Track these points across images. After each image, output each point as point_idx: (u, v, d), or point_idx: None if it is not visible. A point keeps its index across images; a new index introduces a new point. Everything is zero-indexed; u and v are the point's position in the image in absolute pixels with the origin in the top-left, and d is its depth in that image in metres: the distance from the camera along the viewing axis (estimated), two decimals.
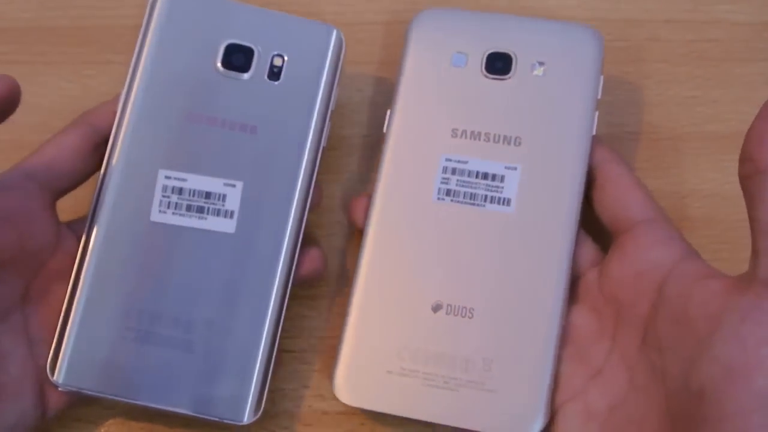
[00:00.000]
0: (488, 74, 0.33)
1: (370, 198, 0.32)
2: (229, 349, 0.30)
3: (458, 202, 0.32)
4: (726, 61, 0.37)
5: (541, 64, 0.32)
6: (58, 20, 0.37)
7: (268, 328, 0.30)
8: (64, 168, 0.31)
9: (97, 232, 0.30)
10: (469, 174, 0.32)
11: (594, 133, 0.32)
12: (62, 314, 0.30)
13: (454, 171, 0.32)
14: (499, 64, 0.33)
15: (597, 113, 0.32)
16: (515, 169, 0.32)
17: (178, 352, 0.30)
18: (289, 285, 0.31)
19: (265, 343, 0.30)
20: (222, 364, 0.30)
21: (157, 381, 0.30)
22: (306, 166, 0.31)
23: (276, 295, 0.30)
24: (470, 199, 0.32)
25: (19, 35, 0.37)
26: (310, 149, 0.31)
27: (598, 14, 0.37)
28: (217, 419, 0.30)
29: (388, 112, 0.33)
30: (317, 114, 0.32)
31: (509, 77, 0.33)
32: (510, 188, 0.32)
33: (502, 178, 0.32)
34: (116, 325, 0.30)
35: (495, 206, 0.32)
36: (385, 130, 0.33)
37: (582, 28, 0.33)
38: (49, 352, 0.30)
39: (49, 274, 0.30)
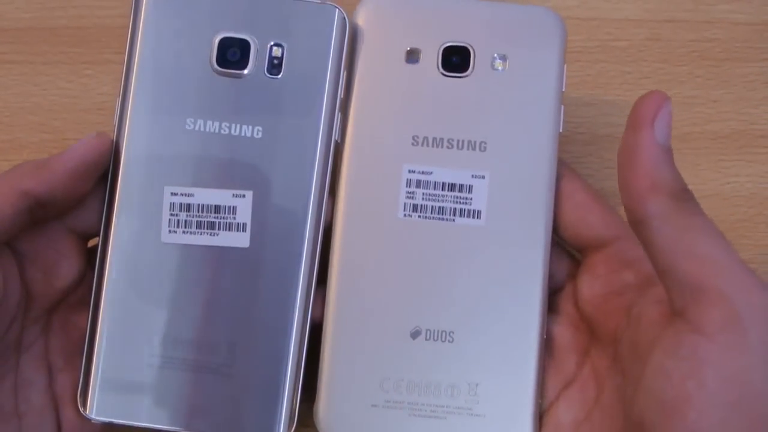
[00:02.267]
0: (445, 72, 0.30)
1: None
2: (256, 367, 0.29)
3: (426, 217, 0.30)
4: (726, 61, 0.37)
5: (501, 57, 0.30)
6: (57, 20, 0.37)
7: (294, 341, 0.29)
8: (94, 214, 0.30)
9: (109, 260, 0.29)
10: (435, 186, 0.30)
11: (561, 130, 0.30)
12: (86, 347, 0.29)
13: (418, 183, 0.30)
14: (456, 59, 0.30)
15: (563, 108, 0.30)
16: (483, 177, 0.30)
17: (205, 375, 0.29)
18: (312, 295, 0.30)
19: (292, 358, 0.29)
20: (250, 382, 0.29)
21: (187, 406, 0.29)
22: (319, 165, 0.29)
23: (299, 307, 0.29)
24: (438, 213, 0.30)
25: (18, 35, 0.37)
26: (321, 146, 0.29)
27: (598, 14, 0.37)
28: None
29: (340, 116, 0.30)
30: (326, 107, 0.29)
31: (468, 74, 0.30)
32: (479, 199, 0.30)
33: (470, 189, 0.30)
34: (140, 353, 0.29)
35: (465, 219, 0.30)
36: (337, 137, 0.30)
37: (542, 13, 0.31)
38: (66, 380, 0.30)
39: (70, 304, 0.30)
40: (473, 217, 0.30)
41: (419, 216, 0.30)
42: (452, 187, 0.30)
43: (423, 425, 0.29)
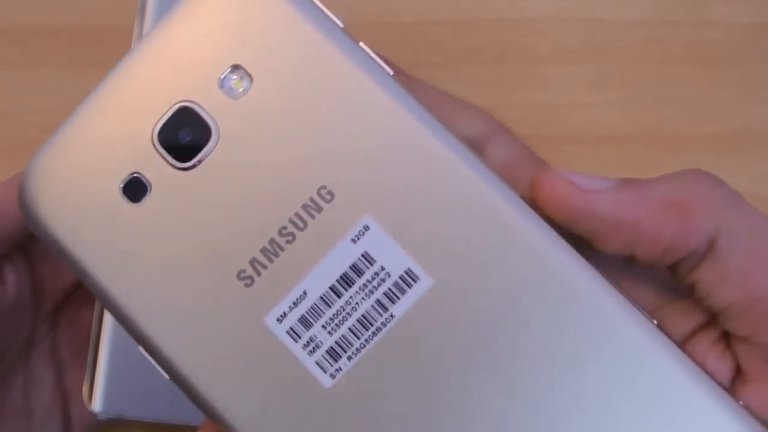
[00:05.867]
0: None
1: None
2: None
3: None
4: (725, 62, 0.37)
5: None
6: (60, 21, 0.37)
7: None
8: None
9: None
10: None
11: None
12: (92, 341, 0.30)
13: None
14: None
15: None
16: None
17: None
18: None
19: None
20: None
21: None
22: None
23: None
24: None
25: (21, 36, 0.37)
26: None
27: (597, 14, 0.38)
28: None
29: None
30: None
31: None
32: None
33: None
34: None
35: None
36: None
37: None
38: (75, 375, 0.30)
39: (77, 300, 0.31)
40: None
41: None
42: None
43: None
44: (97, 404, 0.29)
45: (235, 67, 0.19)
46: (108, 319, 0.29)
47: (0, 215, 0.27)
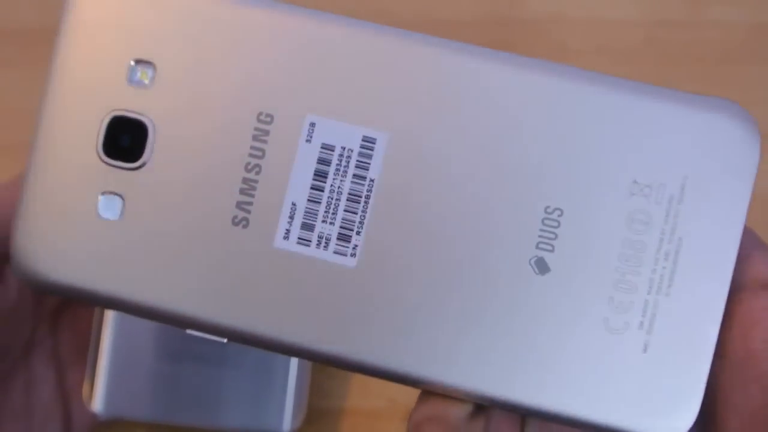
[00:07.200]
0: None
1: None
2: (264, 359, 0.29)
3: None
4: (723, 62, 0.37)
5: None
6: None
7: None
8: None
9: None
10: None
11: None
12: (93, 341, 0.30)
13: None
14: None
15: None
16: None
17: (212, 368, 0.29)
18: None
19: None
20: (258, 374, 0.30)
21: (196, 399, 0.29)
22: None
23: None
24: None
25: (21, 37, 0.37)
26: None
27: (595, 14, 0.38)
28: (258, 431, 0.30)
29: None
30: None
31: None
32: None
33: None
34: (148, 347, 0.29)
35: None
36: None
37: None
38: (75, 376, 0.30)
39: None
40: None
41: None
42: None
43: None
44: (97, 404, 0.29)
45: (136, 62, 0.20)
46: (109, 319, 0.30)
47: (0, 216, 0.27)
